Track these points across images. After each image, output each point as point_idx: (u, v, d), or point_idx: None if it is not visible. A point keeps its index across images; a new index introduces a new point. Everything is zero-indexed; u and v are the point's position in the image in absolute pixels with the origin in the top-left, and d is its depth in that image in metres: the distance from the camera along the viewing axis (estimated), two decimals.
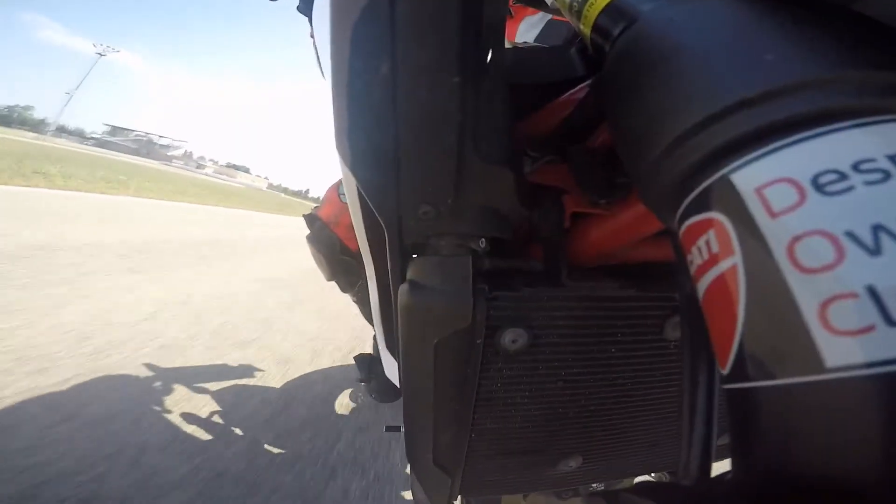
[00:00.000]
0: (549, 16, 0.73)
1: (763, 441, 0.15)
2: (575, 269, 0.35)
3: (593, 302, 0.34)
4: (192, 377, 1.78)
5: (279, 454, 1.43)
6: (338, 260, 0.99)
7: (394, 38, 0.26)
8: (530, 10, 0.79)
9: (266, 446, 1.45)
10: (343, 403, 1.84)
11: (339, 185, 1.03)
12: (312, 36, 1.02)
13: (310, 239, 1.01)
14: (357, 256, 0.99)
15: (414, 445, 0.41)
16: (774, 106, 0.16)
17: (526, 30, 0.79)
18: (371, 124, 0.29)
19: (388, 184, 0.29)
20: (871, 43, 0.16)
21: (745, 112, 0.16)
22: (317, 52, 1.05)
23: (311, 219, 1.02)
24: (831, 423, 0.13)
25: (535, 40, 0.76)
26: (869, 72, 0.15)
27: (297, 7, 0.96)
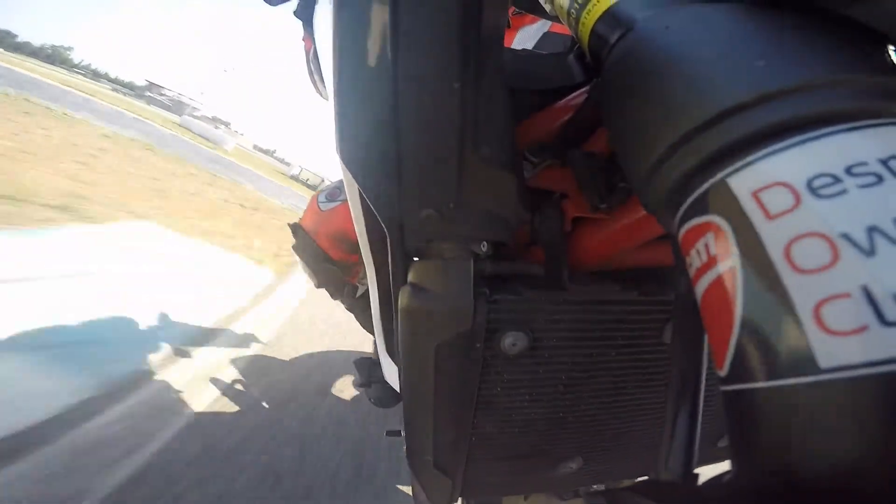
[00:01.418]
0: (546, 28, 0.73)
1: (760, 441, 0.15)
2: (576, 273, 0.35)
3: (594, 305, 0.34)
4: None
5: None
6: (322, 269, 0.98)
7: (395, 44, 0.26)
8: (527, 20, 0.79)
9: None
10: None
11: (319, 193, 1.02)
12: (304, 40, 1.02)
13: (295, 248, 1.00)
14: (340, 265, 0.98)
15: (414, 448, 0.41)
16: (768, 110, 0.16)
17: (522, 41, 0.79)
18: (372, 129, 0.29)
19: (389, 188, 0.30)
20: (862, 48, 0.17)
21: (740, 117, 0.16)
22: (308, 60, 1.05)
23: (294, 228, 1.01)
24: (826, 423, 0.13)
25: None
26: (860, 76, 0.16)
27: (294, 12, 0.96)
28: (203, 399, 1.74)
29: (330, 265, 0.97)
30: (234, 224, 4.63)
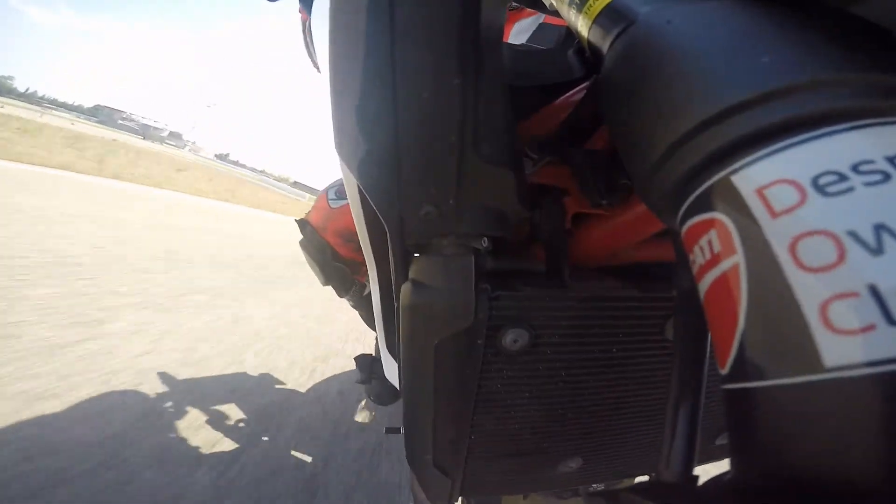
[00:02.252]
0: (541, 20, 0.73)
1: (762, 441, 0.15)
2: (577, 270, 0.35)
3: (595, 302, 0.34)
4: None
5: None
6: (330, 266, 0.97)
7: (393, 39, 0.26)
8: (524, 14, 0.79)
9: None
10: None
11: (328, 190, 1.01)
12: (300, 12, 0.99)
13: (302, 244, 0.99)
14: (349, 263, 0.97)
15: (414, 446, 0.41)
16: (772, 108, 0.16)
17: (517, 33, 0.79)
18: (372, 124, 0.29)
19: (389, 184, 0.29)
20: (868, 45, 0.17)
21: (744, 114, 0.16)
22: (304, 32, 1.03)
23: (302, 224, 1.00)
24: (831, 423, 0.13)
25: (528, 43, 0.76)
26: (866, 74, 0.16)
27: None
28: None
29: (338, 263, 0.97)
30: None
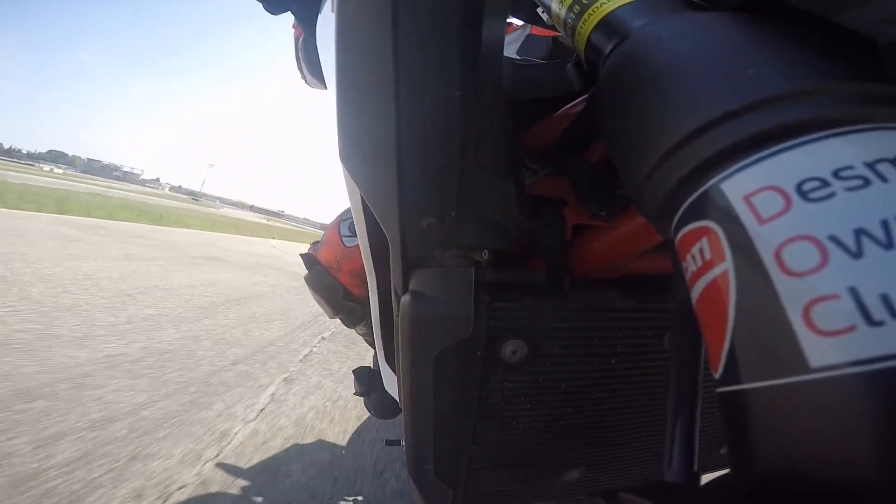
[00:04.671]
0: (528, 31, 0.74)
1: (754, 441, 0.15)
2: (576, 281, 0.35)
3: (594, 313, 0.35)
4: None
5: None
6: (342, 305, 0.93)
7: (397, 55, 0.27)
8: (510, 28, 0.79)
9: None
10: None
11: (339, 224, 0.96)
12: (294, 27, 0.97)
13: (308, 281, 0.95)
14: (362, 301, 0.92)
15: (415, 458, 0.41)
16: (757, 117, 0.16)
17: (506, 44, 0.79)
18: (374, 139, 0.29)
19: (391, 196, 0.30)
20: (850, 54, 0.17)
21: (730, 124, 0.17)
22: (296, 48, 1.01)
23: (309, 260, 0.96)
24: (818, 422, 0.13)
25: (516, 54, 0.77)
26: (847, 83, 0.16)
27: (292, 10, 0.93)
28: None
29: (351, 303, 0.93)
30: None
